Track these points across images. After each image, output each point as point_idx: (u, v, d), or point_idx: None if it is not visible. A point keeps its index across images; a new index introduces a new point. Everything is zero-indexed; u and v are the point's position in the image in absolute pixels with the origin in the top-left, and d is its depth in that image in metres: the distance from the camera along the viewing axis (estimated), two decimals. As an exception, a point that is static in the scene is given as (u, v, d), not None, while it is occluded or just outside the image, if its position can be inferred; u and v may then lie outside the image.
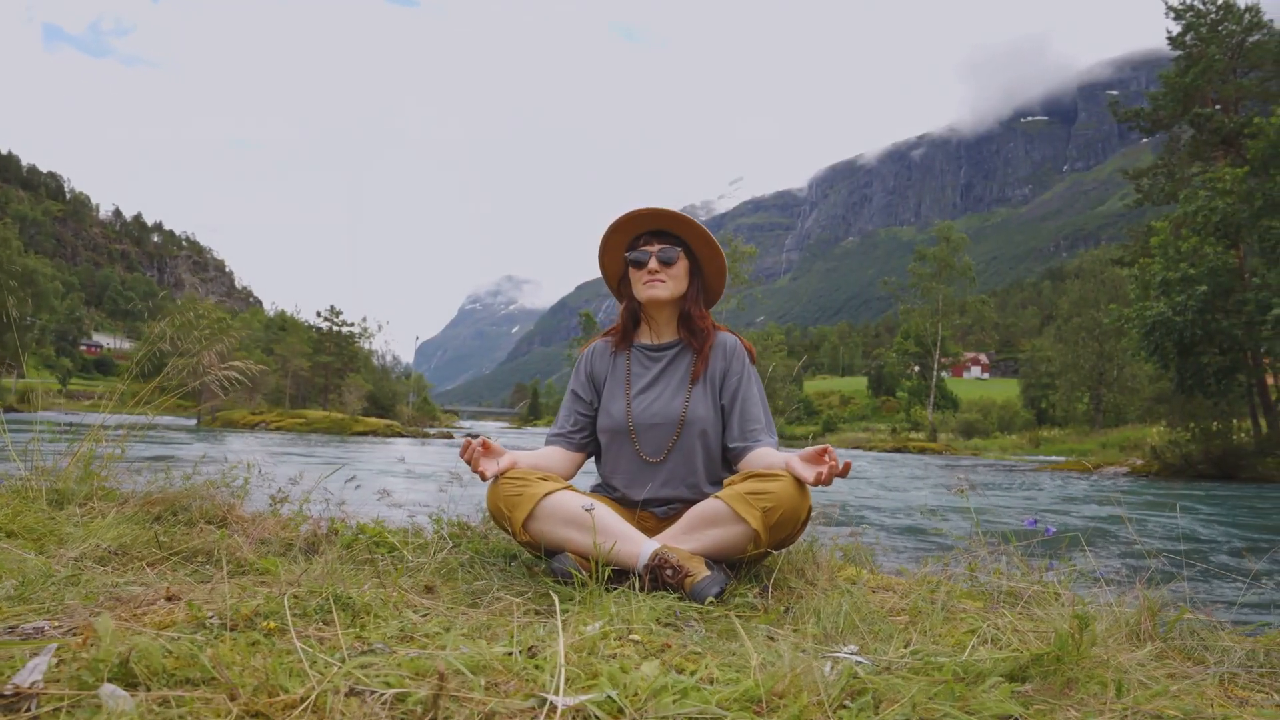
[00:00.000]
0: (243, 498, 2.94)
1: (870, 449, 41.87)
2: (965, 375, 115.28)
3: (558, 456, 2.35)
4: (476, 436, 2.08)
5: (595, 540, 1.89)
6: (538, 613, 1.67)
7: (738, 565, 2.08)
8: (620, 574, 1.95)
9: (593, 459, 2.51)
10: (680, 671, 1.23)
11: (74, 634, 1.47)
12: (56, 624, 1.52)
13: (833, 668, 1.30)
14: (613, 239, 2.40)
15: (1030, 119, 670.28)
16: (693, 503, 2.25)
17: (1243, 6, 23.90)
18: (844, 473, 1.90)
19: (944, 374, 58.43)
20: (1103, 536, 2.17)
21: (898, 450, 40.92)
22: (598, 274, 2.45)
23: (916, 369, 65.60)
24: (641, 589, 1.87)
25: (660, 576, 1.87)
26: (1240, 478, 20.00)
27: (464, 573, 2.05)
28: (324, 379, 46.34)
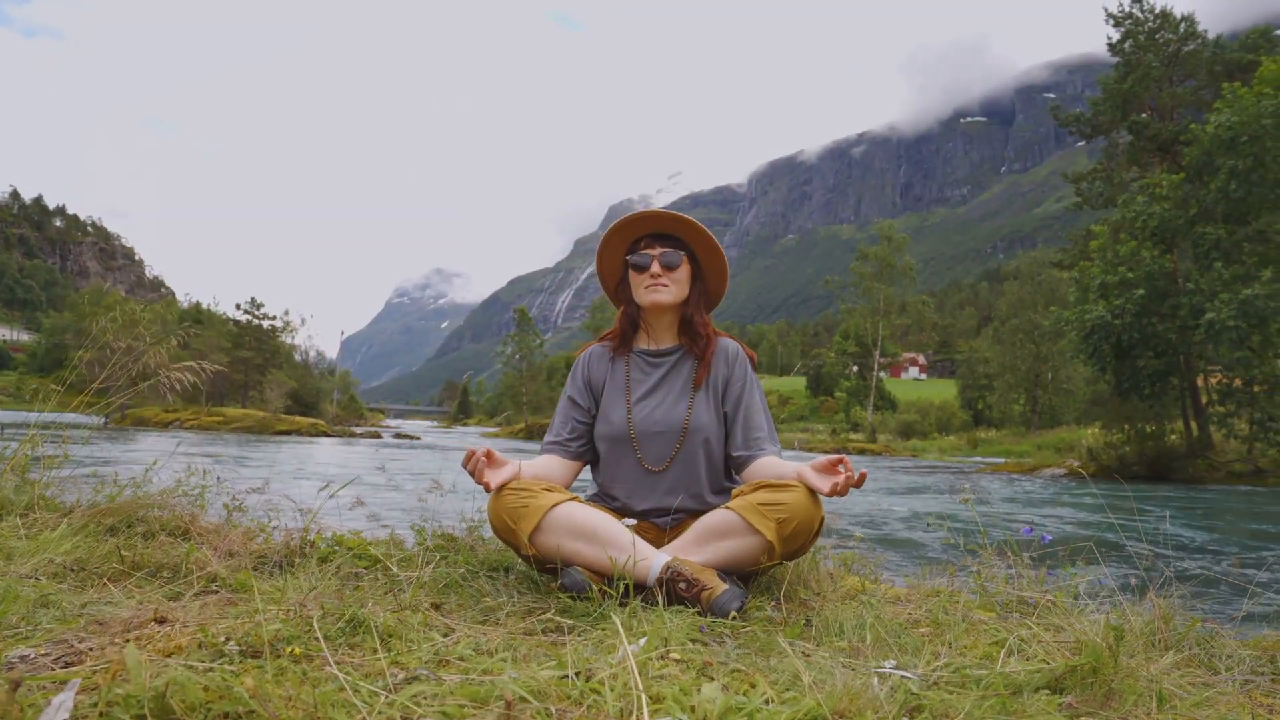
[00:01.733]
0: (204, 508, 2.84)
1: (810, 450, 42.49)
2: (903, 376, 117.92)
3: (555, 465, 2.32)
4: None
5: (624, 555, 1.88)
6: (566, 631, 1.65)
7: (747, 577, 2.09)
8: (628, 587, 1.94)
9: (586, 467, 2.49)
10: (733, 692, 1.24)
11: (67, 664, 1.40)
12: (44, 652, 1.45)
13: (881, 683, 1.32)
14: (612, 241, 2.38)
15: (969, 119, 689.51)
16: (696, 513, 2.26)
17: (1179, 16, 25.06)
18: (859, 483, 1.93)
19: (882, 374, 59.63)
20: (1086, 542, 2.24)
21: (838, 451, 41.52)
22: (531, 268, 2.44)
23: (855, 369, 66.84)
24: (653, 603, 1.87)
25: (673, 590, 1.86)
26: (1172, 479, 20.94)
27: (465, 588, 2.02)
28: (244, 375, 44.97)
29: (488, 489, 2.03)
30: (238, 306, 54.98)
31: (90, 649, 1.46)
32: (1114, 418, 24.47)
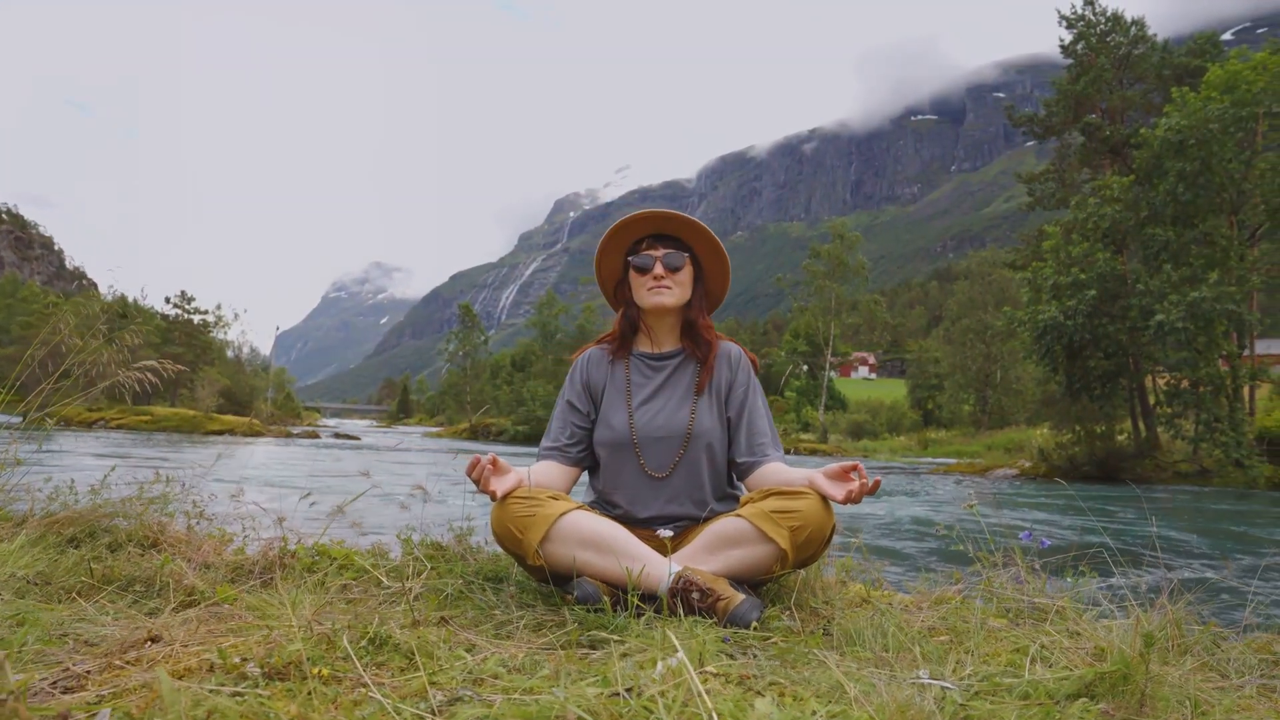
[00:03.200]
0: (173, 516, 2.76)
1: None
2: (853, 375, 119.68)
3: (555, 472, 2.29)
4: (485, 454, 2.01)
5: (634, 564, 1.87)
6: (588, 645, 1.64)
7: (755, 586, 2.10)
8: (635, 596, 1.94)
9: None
10: (784, 706, 1.24)
11: (67, 689, 1.35)
12: (39, 677, 1.39)
13: (923, 694, 1.33)
14: (613, 241, 2.37)
15: (920, 117, 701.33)
16: (700, 520, 2.26)
17: (1129, 19, 25.88)
18: (873, 490, 1.94)
19: (832, 374, 60.39)
20: (1086, 549, 2.31)
21: (790, 451, 42.01)
22: (474, 263, 2.40)
23: (805, 368, 67.60)
24: (665, 613, 1.86)
25: (686, 600, 1.86)
26: (1121, 479, 21.62)
27: (473, 600, 1.99)
28: (173, 372, 43.52)
29: (494, 497, 2.00)
30: (167, 300, 53.60)
31: (88, 672, 1.41)
32: (1064, 418, 25.20)
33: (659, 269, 2.29)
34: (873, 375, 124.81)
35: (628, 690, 1.19)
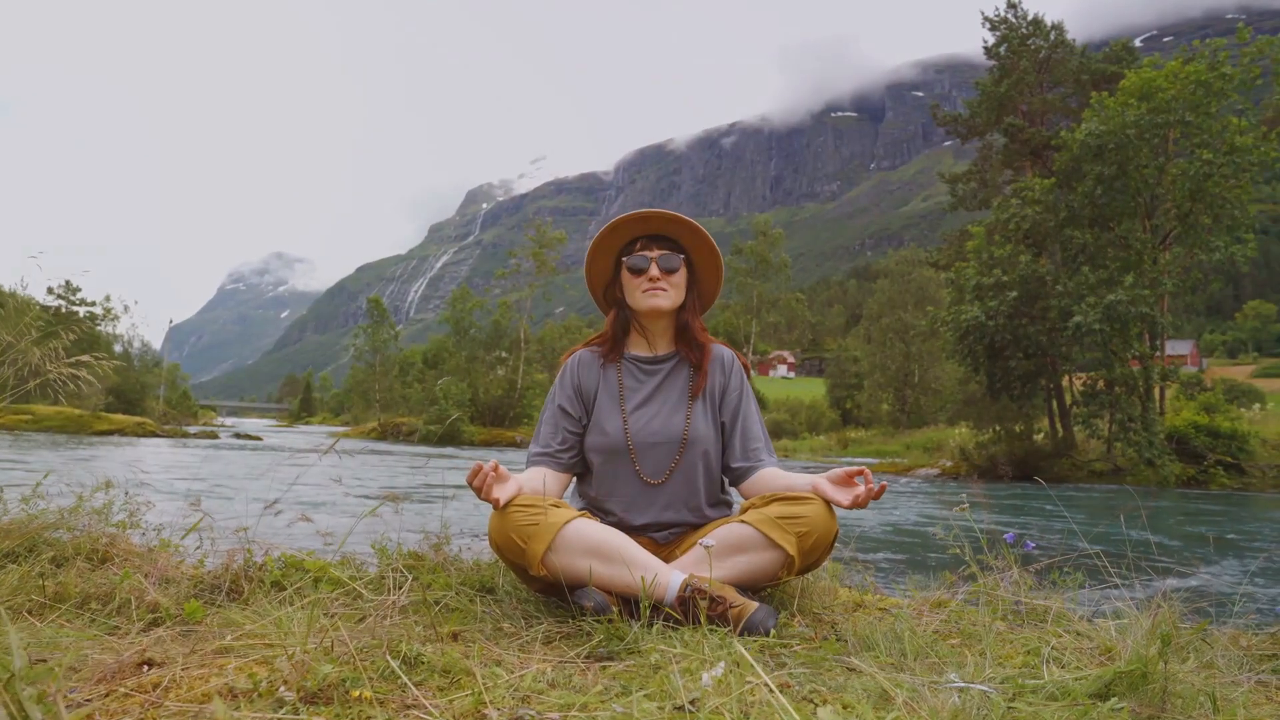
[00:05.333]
0: (125, 527, 2.65)
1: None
2: (771, 374, 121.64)
3: (548, 479, 2.28)
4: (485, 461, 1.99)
5: (643, 574, 1.88)
6: (610, 656, 1.64)
7: (758, 592, 2.13)
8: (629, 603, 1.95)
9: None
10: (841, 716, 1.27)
11: None
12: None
13: (964, 698, 1.38)
14: (606, 241, 2.37)
15: (840, 114, 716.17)
16: (695, 526, 2.28)
17: (1049, 24, 27.04)
18: (879, 495, 2.00)
19: (751, 373, 61.24)
20: (1074, 552, 2.44)
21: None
22: (381, 255, 2.36)
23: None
24: (701, 622, 1.88)
25: (696, 608, 1.88)
26: (1038, 479, 22.55)
27: (467, 613, 1.97)
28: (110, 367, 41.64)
29: (496, 505, 1.98)
30: (49, 290, 51.06)
31: (90, 701, 1.35)
32: (984, 418, 26.12)
33: (654, 270, 2.30)
34: (791, 374, 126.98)
35: (693, 702, 1.20)
